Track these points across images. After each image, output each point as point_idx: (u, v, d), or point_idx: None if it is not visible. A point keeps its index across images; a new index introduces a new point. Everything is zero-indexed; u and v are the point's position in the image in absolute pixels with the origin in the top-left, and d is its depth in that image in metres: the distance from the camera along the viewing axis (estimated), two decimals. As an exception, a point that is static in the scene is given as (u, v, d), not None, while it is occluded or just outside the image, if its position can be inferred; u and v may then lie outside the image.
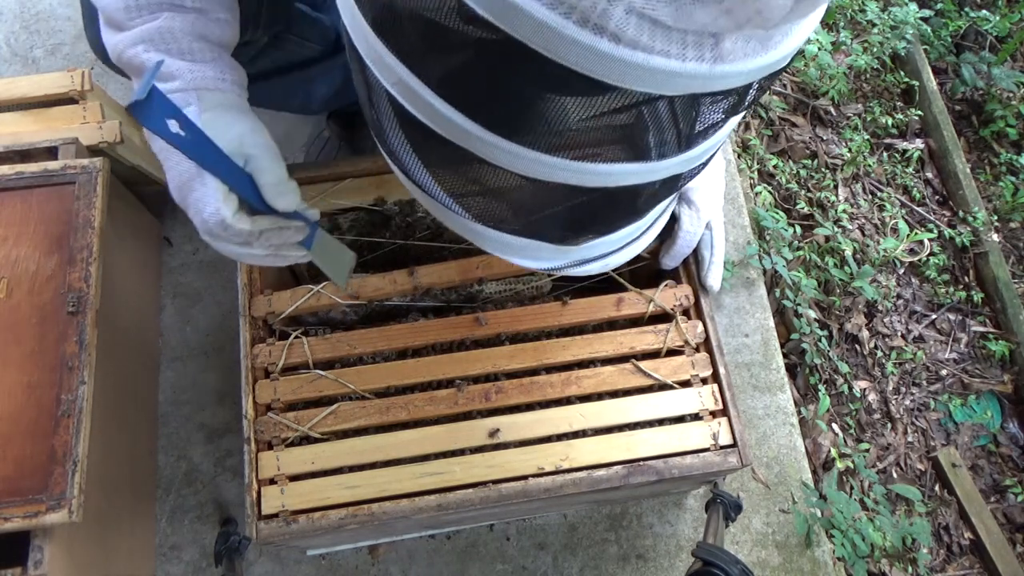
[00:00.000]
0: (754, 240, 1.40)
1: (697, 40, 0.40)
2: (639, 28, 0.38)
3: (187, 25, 0.68)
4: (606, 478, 0.82)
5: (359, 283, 0.91)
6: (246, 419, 0.84)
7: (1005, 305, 1.56)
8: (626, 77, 0.40)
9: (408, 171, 0.55)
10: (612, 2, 0.37)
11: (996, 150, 1.76)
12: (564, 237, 0.59)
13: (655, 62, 0.40)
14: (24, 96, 1.10)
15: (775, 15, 0.38)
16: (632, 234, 0.64)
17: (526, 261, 0.61)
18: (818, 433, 1.37)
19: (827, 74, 1.67)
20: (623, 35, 0.39)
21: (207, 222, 0.66)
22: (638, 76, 0.40)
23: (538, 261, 0.62)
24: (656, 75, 0.40)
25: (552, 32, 0.38)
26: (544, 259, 0.61)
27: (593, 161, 0.47)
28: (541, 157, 0.47)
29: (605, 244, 0.62)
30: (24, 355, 0.89)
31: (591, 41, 0.39)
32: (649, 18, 0.38)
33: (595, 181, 0.49)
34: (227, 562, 1.06)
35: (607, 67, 0.40)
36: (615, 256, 0.65)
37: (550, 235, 0.58)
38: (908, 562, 1.32)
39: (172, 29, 0.67)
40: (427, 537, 1.17)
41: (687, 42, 0.40)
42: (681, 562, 1.16)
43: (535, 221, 0.56)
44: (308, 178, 0.93)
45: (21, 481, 0.82)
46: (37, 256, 0.94)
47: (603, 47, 0.39)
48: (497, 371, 0.88)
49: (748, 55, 0.42)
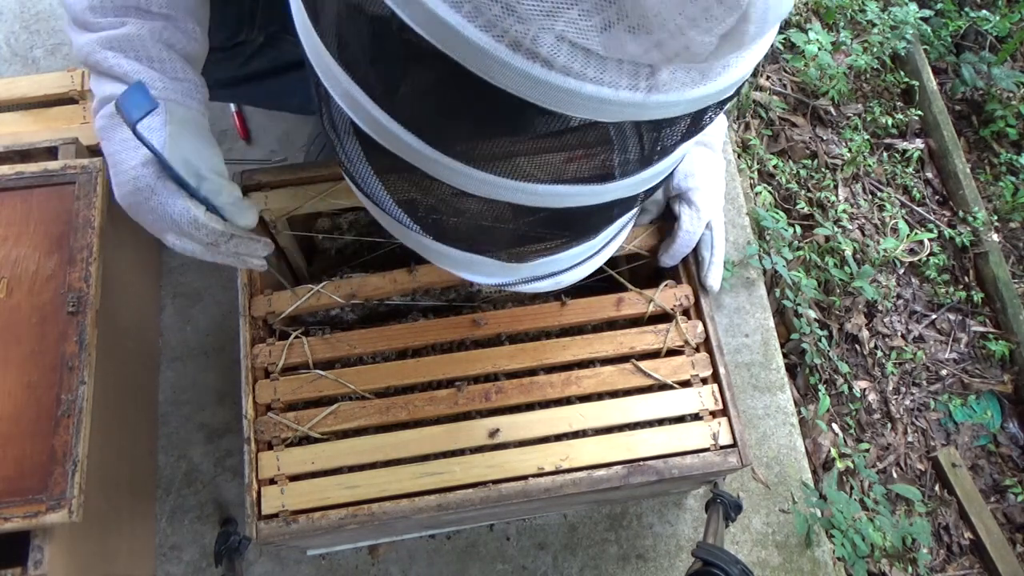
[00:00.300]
0: (754, 240, 1.40)
1: (633, 69, 0.40)
2: (571, 55, 0.39)
3: (155, 33, 0.68)
4: (606, 478, 0.82)
5: (359, 283, 0.91)
6: (246, 419, 0.84)
7: (1005, 305, 1.56)
8: (559, 102, 0.41)
9: (357, 182, 0.56)
10: (543, 29, 0.38)
11: (996, 150, 1.76)
12: (511, 255, 0.59)
13: (588, 89, 0.40)
14: (24, 96, 1.10)
15: (702, 51, 0.39)
16: (584, 253, 0.64)
17: (473, 276, 0.61)
18: (818, 433, 1.37)
19: (827, 74, 1.67)
20: (555, 61, 0.39)
21: (177, 220, 0.67)
22: (571, 102, 0.41)
23: (486, 277, 0.62)
24: (589, 102, 0.41)
25: (485, 55, 0.39)
26: (492, 275, 0.62)
27: (535, 181, 0.48)
28: (483, 175, 0.47)
29: (554, 262, 0.62)
30: (24, 355, 0.89)
31: (524, 66, 0.39)
32: (581, 47, 0.39)
33: (537, 201, 0.49)
34: (227, 562, 1.06)
35: (540, 92, 0.40)
36: (567, 275, 0.65)
37: (496, 252, 0.58)
38: (908, 562, 1.32)
39: (141, 36, 0.67)
40: (427, 537, 1.17)
41: (622, 71, 0.40)
42: (681, 562, 1.16)
43: (481, 237, 0.57)
44: (308, 178, 0.93)
45: (21, 481, 0.82)
46: (37, 256, 0.94)
47: (536, 72, 0.39)
48: (497, 371, 0.88)
49: (685, 85, 0.43)
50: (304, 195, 0.93)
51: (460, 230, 0.56)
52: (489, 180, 0.47)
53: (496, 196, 0.49)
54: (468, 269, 0.61)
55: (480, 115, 0.45)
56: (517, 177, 0.47)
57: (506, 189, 0.48)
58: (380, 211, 0.58)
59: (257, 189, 0.93)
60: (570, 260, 0.63)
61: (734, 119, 1.64)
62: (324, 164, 0.95)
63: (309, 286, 0.90)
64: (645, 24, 0.37)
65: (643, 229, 0.95)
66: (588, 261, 0.66)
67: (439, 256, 0.60)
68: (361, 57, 0.46)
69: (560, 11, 0.37)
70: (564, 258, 0.62)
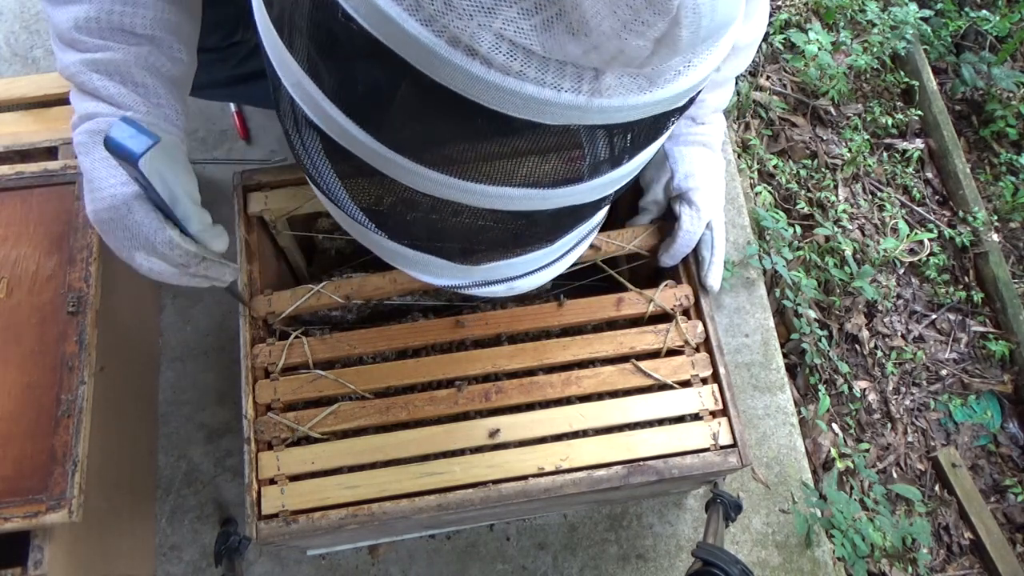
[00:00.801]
0: (754, 240, 1.40)
1: (577, 72, 0.40)
2: (511, 55, 0.39)
3: (141, 59, 0.68)
4: (606, 478, 0.82)
5: (359, 283, 0.91)
6: (246, 419, 0.84)
7: (1005, 305, 1.56)
8: (499, 101, 0.40)
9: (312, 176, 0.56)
10: (481, 26, 0.37)
11: (996, 150, 1.76)
12: (464, 256, 0.58)
13: (528, 90, 0.39)
14: (24, 96, 1.10)
15: (637, 55, 0.39)
16: (540, 261, 0.63)
17: (426, 276, 0.61)
18: (818, 433, 1.37)
19: (827, 74, 1.67)
20: (494, 60, 0.39)
21: (151, 240, 0.67)
22: (511, 102, 0.40)
23: (438, 278, 0.61)
24: (530, 102, 0.40)
25: (425, 50, 0.39)
26: (444, 276, 0.61)
27: (483, 182, 0.47)
28: (430, 173, 0.47)
29: (509, 267, 0.61)
30: (24, 355, 0.89)
31: (463, 63, 0.39)
32: (522, 46, 0.38)
33: (486, 203, 0.49)
34: (227, 562, 1.06)
35: (480, 90, 0.40)
36: (523, 280, 0.64)
37: (448, 253, 0.58)
38: (908, 562, 1.32)
39: (127, 62, 0.68)
40: (427, 537, 1.17)
41: (565, 73, 0.40)
42: (681, 562, 1.16)
43: (433, 237, 0.56)
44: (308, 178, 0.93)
45: (21, 481, 0.82)
46: (37, 256, 0.94)
47: (475, 70, 0.39)
48: (497, 371, 0.88)
49: (631, 91, 0.42)
50: (304, 195, 0.93)
51: (412, 229, 0.56)
52: (437, 179, 0.47)
53: (444, 195, 0.48)
54: (421, 269, 0.60)
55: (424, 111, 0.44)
56: (465, 177, 0.47)
57: (454, 189, 0.47)
58: (335, 207, 0.57)
59: (257, 189, 0.93)
60: (526, 266, 0.62)
61: (734, 119, 1.64)
62: (324, 164, 0.95)
63: (309, 286, 0.90)
64: (583, 26, 0.37)
65: (643, 229, 0.95)
66: (545, 269, 0.65)
67: (392, 255, 0.59)
68: (310, 47, 0.46)
69: (499, 9, 0.37)
70: (519, 263, 0.61)
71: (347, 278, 0.92)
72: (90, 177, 0.69)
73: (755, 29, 0.86)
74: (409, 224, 0.56)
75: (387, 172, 0.48)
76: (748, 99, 1.64)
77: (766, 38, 1.70)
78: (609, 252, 0.94)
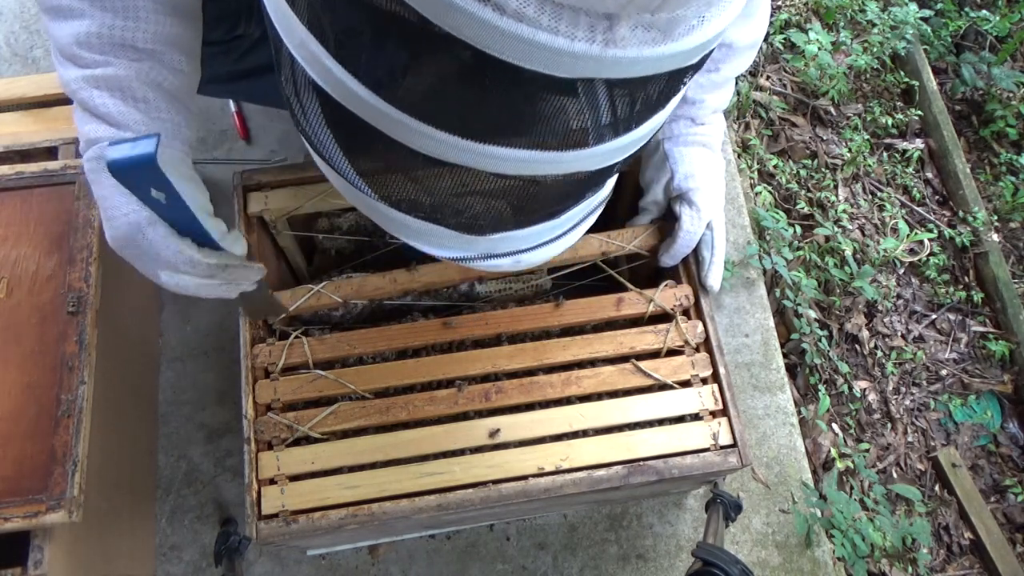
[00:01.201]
0: (754, 240, 1.40)
1: (590, 22, 0.39)
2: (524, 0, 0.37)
3: (142, 74, 0.68)
4: (606, 478, 0.82)
5: (359, 283, 0.91)
6: (246, 419, 0.84)
7: (1005, 305, 1.56)
8: (512, 51, 0.39)
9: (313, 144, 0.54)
10: None
11: (996, 150, 1.76)
12: (469, 226, 0.56)
13: (541, 38, 0.38)
14: (24, 96, 1.10)
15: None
16: (546, 234, 0.61)
17: (431, 248, 0.59)
18: (818, 433, 1.37)
19: (827, 74, 1.67)
20: (507, 6, 0.37)
21: (172, 260, 0.68)
22: (524, 51, 0.39)
23: (443, 249, 0.59)
24: (543, 52, 0.39)
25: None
26: (449, 248, 0.59)
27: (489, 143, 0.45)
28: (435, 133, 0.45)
29: (516, 239, 0.59)
30: (24, 355, 0.89)
31: (474, 9, 0.37)
32: None
33: (490, 166, 0.47)
34: (227, 562, 1.06)
35: (492, 39, 0.38)
36: (530, 255, 0.62)
37: (453, 222, 0.56)
38: (908, 562, 1.32)
39: (128, 77, 0.67)
40: (427, 537, 1.17)
41: (578, 22, 0.38)
42: (681, 562, 1.16)
43: (437, 205, 0.54)
44: (308, 178, 0.93)
45: (21, 481, 0.82)
46: (37, 256, 0.94)
47: (487, 16, 0.37)
48: (497, 371, 0.88)
49: (645, 43, 0.41)
50: (304, 195, 0.93)
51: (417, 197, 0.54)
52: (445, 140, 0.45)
53: (452, 159, 0.46)
54: (425, 241, 0.58)
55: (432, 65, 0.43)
56: (472, 138, 0.45)
57: (461, 151, 0.45)
58: (337, 176, 0.56)
59: (257, 189, 0.93)
60: (532, 239, 0.60)
61: (734, 119, 1.64)
62: (324, 164, 0.95)
63: (309, 286, 0.90)
64: None
65: (643, 229, 0.95)
66: (552, 243, 0.63)
67: (396, 226, 0.57)
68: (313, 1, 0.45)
69: None
70: (525, 235, 0.59)
71: (347, 278, 0.92)
72: (103, 206, 0.69)
73: (756, 29, 0.86)
74: (414, 192, 0.54)
75: (393, 135, 0.46)
76: (748, 99, 1.64)
77: (766, 38, 1.70)
78: (609, 252, 0.94)
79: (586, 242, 0.94)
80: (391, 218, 0.56)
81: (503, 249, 0.60)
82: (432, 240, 0.58)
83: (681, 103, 0.90)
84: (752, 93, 1.66)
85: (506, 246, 0.60)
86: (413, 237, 0.58)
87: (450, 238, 0.57)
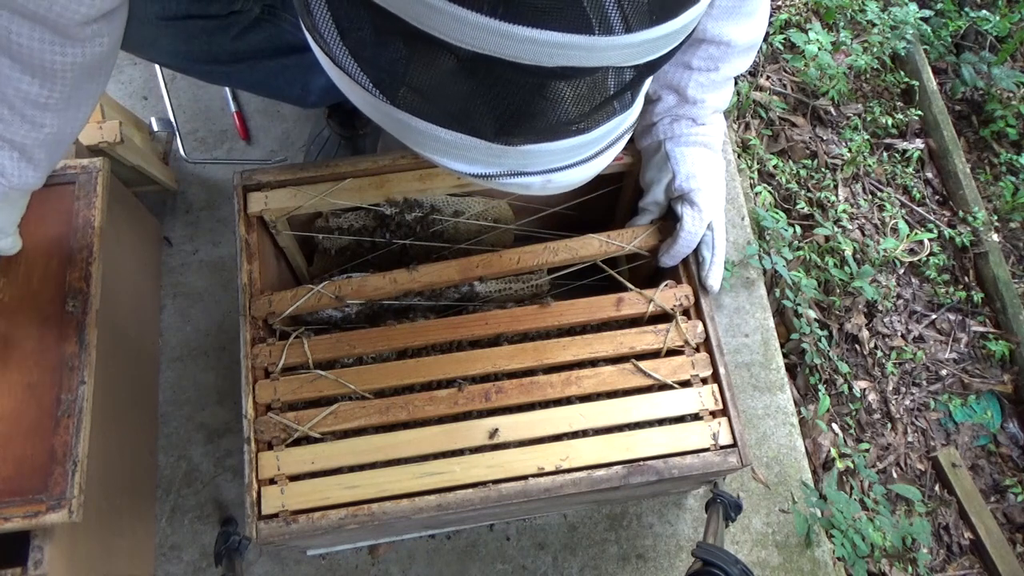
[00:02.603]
0: (754, 240, 1.40)
1: None
2: None
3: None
4: (606, 478, 0.82)
5: (359, 283, 0.91)
6: (246, 419, 0.84)
7: (1005, 305, 1.56)
8: None
9: (331, 52, 0.52)
10: None
11: (996, 150, 1.76)
12: (498, 131, 0.54)
13: None
14: (24, 96, 1.10)
15: None
16: (577, 152, 0.59)
17: (457, 163, 0.56)
18: (818, 433, 1.37)
19: (827, 74, 1.67)
20: None
21: None
22: None
23: (470, 164, 0.56)
24: None
25: None
26: (476, 161, 0.56)
27: (526, 24, 0.43)
28: (462, 13, 0.43)
29: (546, 154, 0.57)
30: (24, 355, 0.89)
31: None
32: None
33: (519, 52, 0.44)
34: (227, 562, 1.06)
35: None
36: (561, 175, 0.60)
37: (482, 127, 0.53)
38: (908, 562, 1.32)
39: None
40: (427, 537, 1.17)
41: None
42: (681, 562, 1.16)
43: (466, 108, 0.53)
44: (308, 178, 0.93)
45: (21, 481, 0.82)
46: (37, 256, 0.94)
47: None
48: (497, 371, 0.88)
49: None
50: (304, 195, 0.93)
51: (446, 101, 0.52)
52: (479, 23, 0.43)
53: (487, 48, 0.44)
54: (453, 155, 0.56)
55: None
56: (510, 20, 0.43)
57: (499, 36, 0.43)
58: (356, 86, 0.53)
59: (257, 189, 0.93)
60: (563, 157, 0.58)
61: (734, 119, 1.64)
62: (324, 164, 0.95)
63: (309, 286, 0.90)
64: None
65: (643, 229, 0.95)
66: (582, 164, 0.60)
67: (420, 137, 0.55)
68: None
69: None
70: (556, 150, 0.57)
71: (347, 278, 0.92)
72: None
73: (756, 29, 0.86)
74: (443, 95, 0.52)
75: (425, 26, 0.44)
76: (748, 99, 1.64)
77: (766, 38, 1.70)
78: (609, 252, 0.94)
79: (586, 242, 0.94)
80: (416, 129, 0.54)
81: (532, 166, 0.58)
82: (460, 153, 0.55)
83: (682, 103, 0.90)
84: (752, 93, 1.66)
85: (535, 162, 0.57)
86: (438, 150, 0.56)
87: (479, 149, 0.55)
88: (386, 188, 0.95)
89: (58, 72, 0.70)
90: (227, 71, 1.02)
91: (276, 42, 1.00)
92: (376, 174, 0.95)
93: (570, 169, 0.60)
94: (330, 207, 0.95)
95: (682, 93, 0.89)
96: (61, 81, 0.71)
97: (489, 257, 0.93)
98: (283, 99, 1.16)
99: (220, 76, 1.07)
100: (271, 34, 0.99)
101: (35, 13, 0.65)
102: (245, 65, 1.01)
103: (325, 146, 1.36)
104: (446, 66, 0.48)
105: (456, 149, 0.55)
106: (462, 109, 0.53)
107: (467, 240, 1.02)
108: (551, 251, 0.94)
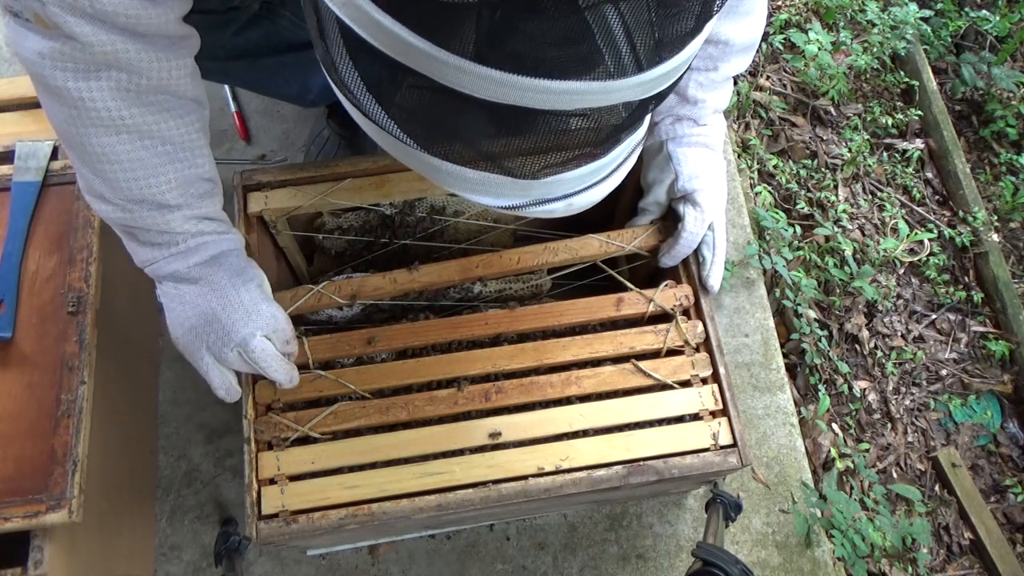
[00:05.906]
0: (754, 240, 1.40)
1: None
2: None
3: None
4: (606, 478, 0.82)
5: (359, 283, 0.91)
6: (246, 419, 0.84)
7: (1005, 305, 1.56)
8: None
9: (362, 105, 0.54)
10: None
11: (996, 150, 1.76)
12: (523, 169, 0.57)
13: None
14: (24, 96, 1.10)
15: None
16: (594, 175, 0.62)
17: (487, 198, 0.59)
18: (818, 433, 1.37)
19: (827, 74, 1.67)
20: None
21: (215, 387, 0.83)
22: None
23: (498, 198, 0.60)
24: None
25: None
26: (504, 196, 0.60)
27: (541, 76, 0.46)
28: (489, 72, 0.45)
29: (566, 182, 0.60)
30: (24, 355, 0.89)
31: None
32: None
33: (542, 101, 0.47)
34: (227, 562, 1.06)
35: None
36: (581, 196, 0.63)
37: (508, 166, 0.56)
38: (908, 562, 1.32)
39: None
40: (427, 537, 1.17)
41: None
42: (681, 562, 1.16)
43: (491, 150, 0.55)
44: (308, 178, 0.93)
45: (21, 481, 0.82)
46: (37, 256, 0.94)
47: None
48: (497, 371, 0.88)
49: None
50: (304, 195, 0.93)
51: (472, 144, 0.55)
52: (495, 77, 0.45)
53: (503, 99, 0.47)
54: (481, 191, 0.59)
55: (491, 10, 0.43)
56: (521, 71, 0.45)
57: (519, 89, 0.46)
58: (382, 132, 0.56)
59: (257, 189, 0.93)
60: (582, 181, 0.62)
61: (734, 119, 1.64)
62: (324, 164, 0.95)
63: (309, 286, 0.90)
64: None
65: (644, 229, 0.95)
66: (599, 184, 0.64)
67: (450, 177, 0.58)
68: None
69: None
70: (576, 177, 0.60)
71: (347, 278, 0.92)
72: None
73: (754, 28, 0.86)
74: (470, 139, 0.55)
75: (452, 83, 0.47)
76: (748, 99, 1.64)
77: (766, 38, 1.70)
78: (609, 252, 0.94)
79: (586, 242, 0.94)
80: (445, 171, 0.56)
81: (555, 193, 0.61)
82: (488, 189, 0.58)
83: (683, 104, 0.90)
84: (752, 93, 1.66)
85: (558, 190, 0.60)
86: (467, 189, 0.58)
87: (505, 185, 0.58)
88: (386, 188, 0.95)
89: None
90: (225, 67, 1.02)
91: (275, 39, 1.00)
92: (376, 174, 0.95)
93: (590, 190, 0.63)
94: (330, 207, 0.95)
95: (682, 93, 0.89)
96: None
97: (489, 257, 0.93)
98: (282, 97, 1.16)
99: (218, 73, 1.07)
100: (270, 31, 0.99)
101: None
102: (243, 62, 1.01)
103: (325, 146, 1.36)
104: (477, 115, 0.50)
105: (484, 186, 0.58)
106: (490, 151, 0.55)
107: (467, 240, 1.02)
108: (551, 251, 0.94)
